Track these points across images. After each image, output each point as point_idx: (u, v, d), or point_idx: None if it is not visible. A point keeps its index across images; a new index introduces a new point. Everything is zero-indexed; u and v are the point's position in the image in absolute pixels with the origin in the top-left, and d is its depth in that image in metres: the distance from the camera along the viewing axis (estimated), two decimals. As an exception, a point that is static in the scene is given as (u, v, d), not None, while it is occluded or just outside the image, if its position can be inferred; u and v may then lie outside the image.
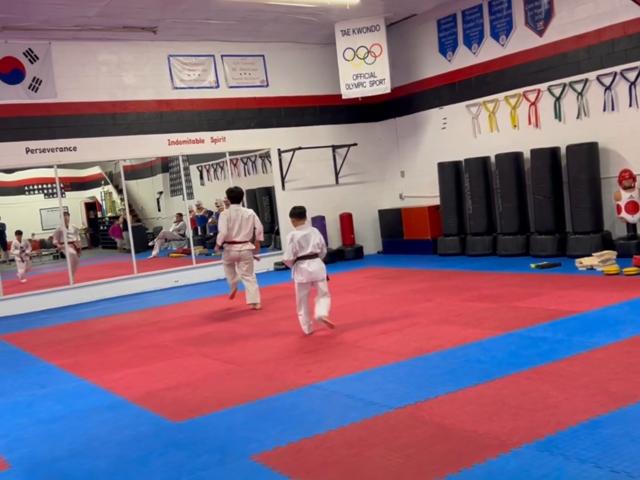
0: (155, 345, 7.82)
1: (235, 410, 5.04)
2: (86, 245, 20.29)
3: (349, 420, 4.52)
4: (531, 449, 3.72)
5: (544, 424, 4.05)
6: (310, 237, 7.39)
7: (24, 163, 12.22)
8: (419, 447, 3.94)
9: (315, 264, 7.33)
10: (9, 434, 5.10)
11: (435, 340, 6.47)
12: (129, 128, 12.80)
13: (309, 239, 7.38)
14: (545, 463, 3.53)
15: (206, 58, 13.61)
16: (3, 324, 10.89)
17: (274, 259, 14.35)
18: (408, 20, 14.09)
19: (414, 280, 10.61)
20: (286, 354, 6.65)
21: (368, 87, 13.63)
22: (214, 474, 3.90)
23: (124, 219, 17.46)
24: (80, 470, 4.21)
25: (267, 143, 14.38)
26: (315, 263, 7.33)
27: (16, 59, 11.76)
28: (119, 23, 11.85)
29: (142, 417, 5.16)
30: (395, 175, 15.27)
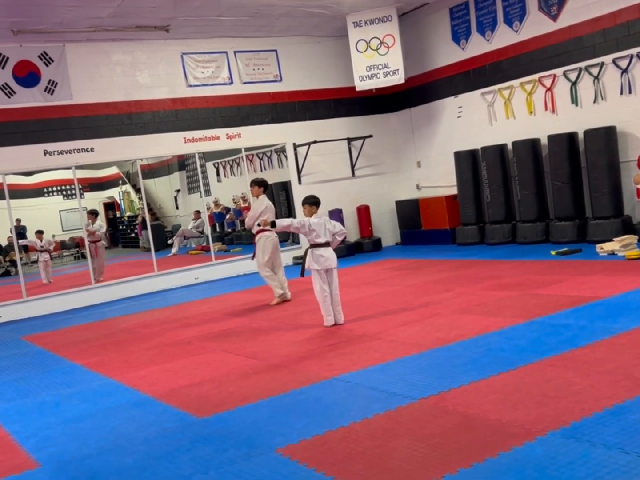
0: (178, 342, 7.88)
1: (260, 405, 5.07)
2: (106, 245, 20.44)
3: (373, 412, 4.53)
4: (557, 436, 3.71)
5: (568, 411, 4.03)
6: (323, 226, 7.57)
7: (43, 165, 12.34)
8: (443, 437, 3.94)
9: (329, 252, 7.50)
10: (37, 434, 5.17)
11: (457, 330, 6.46)
12: (145, 127, 12.88)
13: (323, 227, 7.57)
14: (571, 450, 3.52)
15: (219, 55, 13.64)
16: (28, 325, 11.02)
17: (292, 253, 14.39)
18: (420, 9, 14.01)
19: (434, 270, 10.59)
20: (308, 348, 6.67)
21: (382, 78, 13.58)
22: (241, 468, 3.93)
23: (142, 217, 17.57)
24: (109, 467, 4.26)
25: (282, 138, 14.40)
26: (328, 251, 7.50)
27: (31, 62, 11.87)
28: (132, 23, 11.91)
29: (168, 413, 5.21)
30: (411, 165, 15.22)
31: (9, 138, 11.64)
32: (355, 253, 14.39)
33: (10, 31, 11.15)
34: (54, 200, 19.31)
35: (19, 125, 11.75)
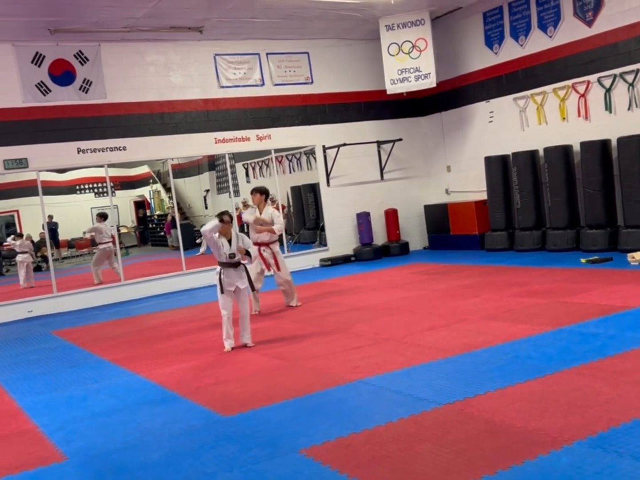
0: (205, 341, 7.94)
1: (284, 405, 5.09)
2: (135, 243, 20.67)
3: (398, 415, 4.53)
4: (583, 446, 3.67)
5: (596, 421, 3.99)
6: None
7: (76, 163, 12.53)
8: (468, 443, 3.92)
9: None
10: (65, 427, 5.24)
11: (484, 336, 6.42)
12: (176, 127, 13.00)
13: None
14: (598, 460, 3.49)
15: (251, 56, 13.72)
16: (57, 320, 11.19)
17: (319, 255, 14.41)
18: (453, 13, 13.95)
19: (462, 275, 10.53)
20: (333, 350, 6.67)
21: (413, 82, 13.55)
22: (265, 468, 3.95)
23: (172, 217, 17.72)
24: (135, 462, 4.31)
25: (311, 140, 14.43)
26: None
27: (67, 61, 12.06)
28: (166, 23, 12.03)
29: (193, 411, 5.25)
30: (441, 170, 15.15)
31: (44, 135, 11.83)
32: (382, 256, 14.37)
33: (48, 30, 11.34)
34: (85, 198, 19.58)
35: (54, 123, 11.94)
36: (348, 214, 14.58)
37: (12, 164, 11.63)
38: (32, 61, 11.78)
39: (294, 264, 14.15)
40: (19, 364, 7.89)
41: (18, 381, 6.97)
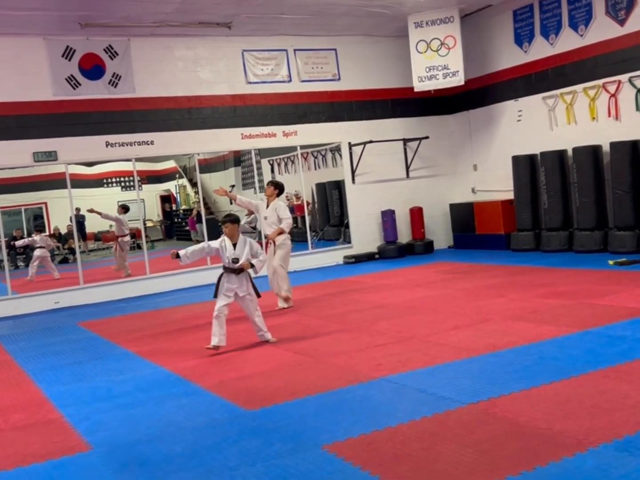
0: (228, 335, 7.92)
1: (307, 401, 5.10)
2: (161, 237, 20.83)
3: (421, 414, 4.51)
4: (609, 449, 3.63)
5: (622, 424, 3.94)
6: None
7: (104, 156, 12.66)
8: (492, 443, 3.90)
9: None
10: (90, 417, 5.30)
11: (509, 336, 6.37)
12: (204, 122, 13.07)
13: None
14: (624, 463, 3.44)
15: (279, 52, 13.74)
16: (84, 311, 11.32)
17: (343, 252, 14.41)
18: (483, 11, 13.84)
19: (487, 275, 10.46)
20: (356, 347, 6.67)
21: (441, 80, 13.47)
22: (287, 462, 3.96)
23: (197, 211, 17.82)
24: (158, 454, 4.35)
25: (338, 137, 14.42)
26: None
27: (97, 55, 12.17)
28: (195, 19, 12.09)
29: (217, 404, 5.28)
30: (467, 168, 15.06)
31: (73, 129, 11.96)
32: (406, 255, 14.32)
33: (78, 24, 11.46)
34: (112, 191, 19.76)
35: (83, 117, 12.06)
36: (373, 211, 14.55)
37: (41, 156, 11.78)
38: (63, 55, 11.91)
39: (317, 260, 14.20)
40: (46, 354, 7.99)
41: (45, 371, 7.06)
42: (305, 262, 14.07)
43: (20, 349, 8.48)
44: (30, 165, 12.01)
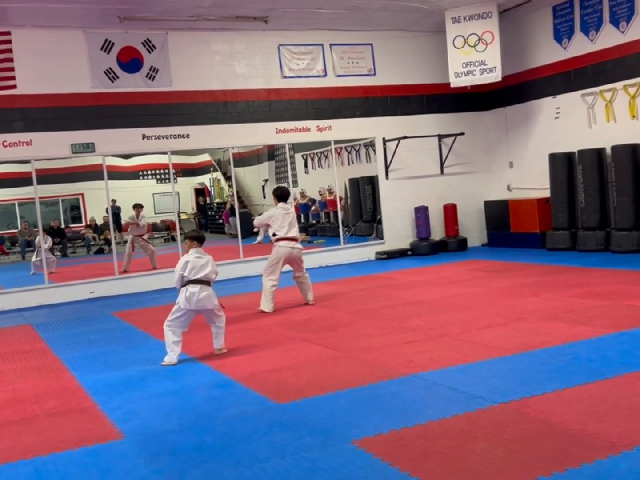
0: (260, 328, 8.02)
1: (337, 395, 5.10)
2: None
3: (451, 412, 4.49)
4: (644, 453, 3.57)
5: (658, 428, 3.87)
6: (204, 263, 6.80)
7: (140, 149, 12.81)
8: (523, 443, 3.86)
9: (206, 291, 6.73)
10: (123, 406, 5.38)
11: (543, 336, 6.30)
12: (239, 116, 13.13)
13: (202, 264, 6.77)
14: (659, 468, 3.39)
15: (315, 47, 13.73)
16: (118, 302, 11.47)
17: (375, 248, 14.38)
18: (522, 6, 13.66)
19: (521, 274, 10.34)
20: (387, 343, 6.65)
21: (478, 76, 13.33)
22: (317, 456, 3.97)
23: (231, 205, 17.93)
24: (189, 444, 4.39)
25: (372, 132, 14.37)
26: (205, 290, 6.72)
27: (135, 49, 12.30)
28: (232, 13, 12.14)
29: (247, 396, 5.32)
30: (503, 165, 14.89)
31: (111, 121, 12.11)
32: (439, 252, 14.23)
33: (117, 18, 11.59)
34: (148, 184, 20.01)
35: (121, 109, 12.20)
36: (406, 207, 14.48)
37: (79, 148, 11.95)
38: (102, 48, 12.06)
39: (349, 256, 14.19)
40: (81, 343, 8.12)
41: (79, 360, 7.18)
42: (337, 257, 14.08)
43: (56, 337, 8.63)
44: (68, 156, 12.20)
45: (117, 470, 4.07)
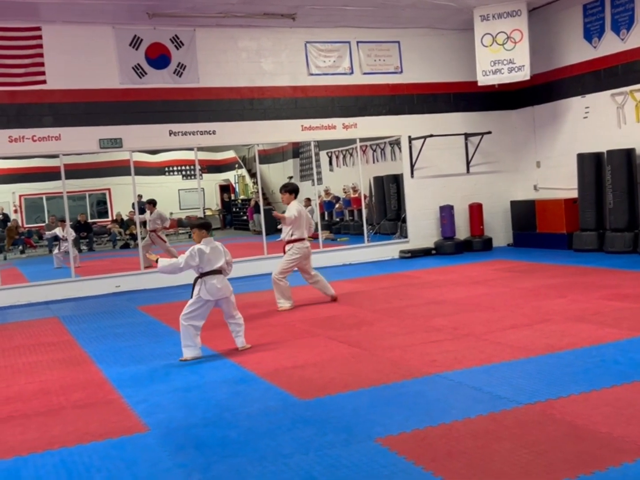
0: (284, 325, 8.04)
1: (361, 393, 5.10)
2: (219, 226, 21.13)
3: (476, 412, 4.46)
4: (673, 457, 3.52)
5: (687, 433, 3.82)
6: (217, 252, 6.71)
7: (167, 145, 12.89)
8: (549, 445, 3.82)
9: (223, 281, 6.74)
10: (148, 399, 5.42)
11: (569, 337, 6.24)
12: (265, 113, 13.16)
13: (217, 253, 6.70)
14: (688, 473, 3.34)
15: (342, 44, 13.71)
16: (143, 296, 11.57)
17: (399, 246, 14.33)
18: (551, 5, 13.51)
19: (547, 275, 10.24)
20: (411, 342, 6.63)
21: (506, 74, 13.21)
22: (340, 453, 3.97)
23: (255, 201, 17.99)
24: (213, 438, 4.42)
25: (398, 130, 14.31)
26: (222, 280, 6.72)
27: (163, 45, 12.38)
28: (260, 10, 12.17)
29: (271, 392, 5.33)
30: (530, 165, 14.76)
31: (139, 117, 12.21)
32: (463, 251, 14.14)
33: (146, 14, 11.66)
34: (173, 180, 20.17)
35: (148, 105, 12.29)
36: (431, 206, 14.41)
37: (107, 143, 12.06)
38: (130, 44, 12.15)
39: (373, 254, 14.16)
40: (106, 336, 8.21)
41: (105, 353, 7.25)
42: (361, 256, 14.06)
43: (82, 330, 8.73)
44: (96, 151, 12.33)
45: (141, 463, 4.10)
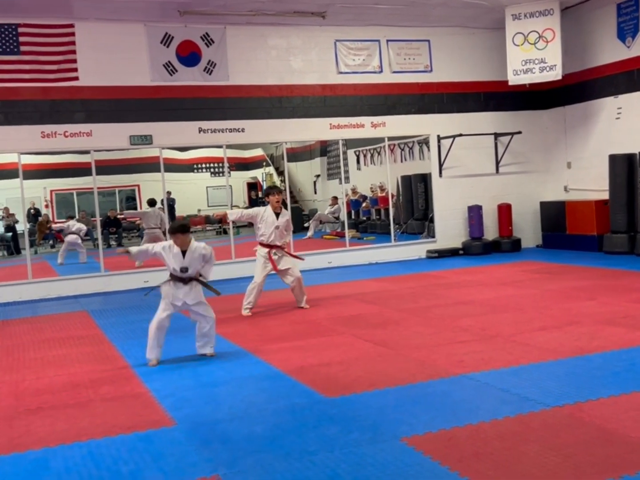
0: (309, 322, 8.06)
1: (387, 392, 5.09)
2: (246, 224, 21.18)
3: (503, 413, 4.43)
4: None
5: None
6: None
7: (196, 142, 12.97)
8: (577, 448, 3.78)
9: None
10: (175, 394, 5.46)
11: (598, 340, 6.16)
12: (293, 111, 13.18)
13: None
14: None
15: (371, 43, 13.67)
16: (170, 291, 11.63)
17: (426, 246, 14.27)
18: (584, 4, 13.34)
19: (577, 277, 10.13)
20: (437, 342, 6.60)
21: (537, 74, 13.07)
22: (365, 452, 3.97)
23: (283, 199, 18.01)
24: (239, 433, 4.44)
25: (426, 129, 14.24)
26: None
27: (194, 43, 12.45)
28: (291, 8, 12.19)
29: (297, 389, 5.35)
30: (560, 166, 14.59)
31: (169, 114, 12.31)
32: (491, 252, 14.04)
33: (177, 12, 11.75)
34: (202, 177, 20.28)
35: (178, 103, 12.38)
36: (459, 206, 14.32)
37: (137, 139, 12.18)
38: (162, 41, 12.24)
39: (400, 253, 14.12)
40: (134, 330, 8.29)
41: (133, 347, 7.32)
42: (387, 255, 14.02)
43: (111, 324, 8.83)
44: (126, 148, 12.44)
45: (168, 457, 4.14)
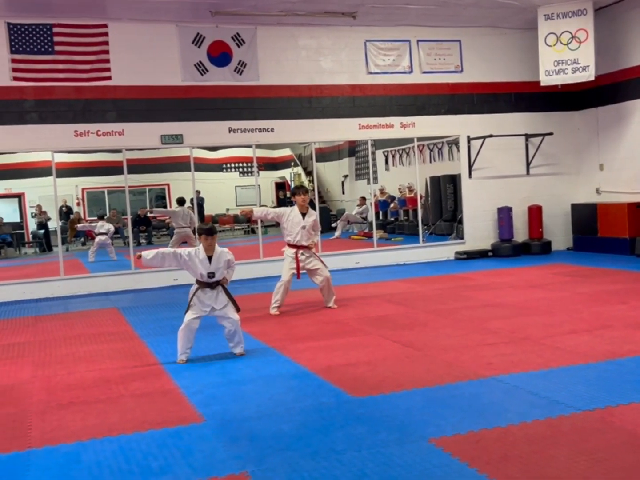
0: (337, 322, 8.06)
1: (414, 393, 5.08)
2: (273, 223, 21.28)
3: (532, 417, 4.39)
4: None
5: None
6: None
7: (226, 142, 13.06)
8: (608, 453, 3.74)
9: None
10: (204, 391, 5.51)
11: (630, 345, 6.08)
12: (323, 111, 13.20)
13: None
14: None
15: (402, 43, 13.63)
16: (199, 290, 11.72)
17: (454, 247, 14.19)
18: (618, 4, 13.15)
19: (608, 280, 10.00)
20: (466, 344, 6.57)
21: (570, 74, 12.93)
22: (393, 452, 3.97)
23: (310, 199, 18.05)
24: (267, 431, 4.47)
25: (456, 130, 14.16)
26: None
27: (225, 43, 12.53)
28: (321, 8, 12.21)
29: (324, 388, 5.36)
30: (593, 168, 14.41)
31: (200, 114, 12.41)
32: (521, 254, 13.91)
33: (209, 12, 11.84)
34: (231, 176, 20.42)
35: (209, 102, 12.48)
36: (488, 207, 14.22)
37: (168, 139, 12.30)
38: (193, 42, 12.34)
39: (428, 255, 14.05)
40: (164, 327, 8.36)
41: (163, 344, 7.39)
42: (416, 256, 13.97)
43: (141, 321, 8.93)
44: (157, 147, 12.58)
45: (197, 453, 4.18)
